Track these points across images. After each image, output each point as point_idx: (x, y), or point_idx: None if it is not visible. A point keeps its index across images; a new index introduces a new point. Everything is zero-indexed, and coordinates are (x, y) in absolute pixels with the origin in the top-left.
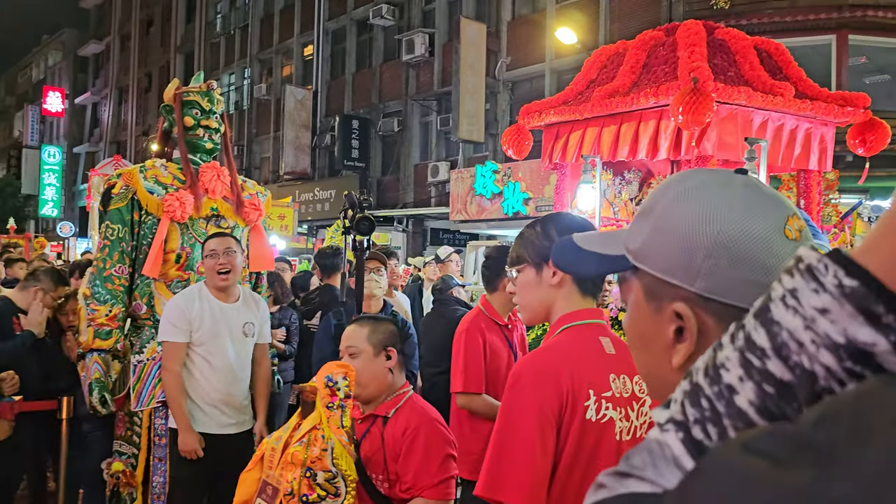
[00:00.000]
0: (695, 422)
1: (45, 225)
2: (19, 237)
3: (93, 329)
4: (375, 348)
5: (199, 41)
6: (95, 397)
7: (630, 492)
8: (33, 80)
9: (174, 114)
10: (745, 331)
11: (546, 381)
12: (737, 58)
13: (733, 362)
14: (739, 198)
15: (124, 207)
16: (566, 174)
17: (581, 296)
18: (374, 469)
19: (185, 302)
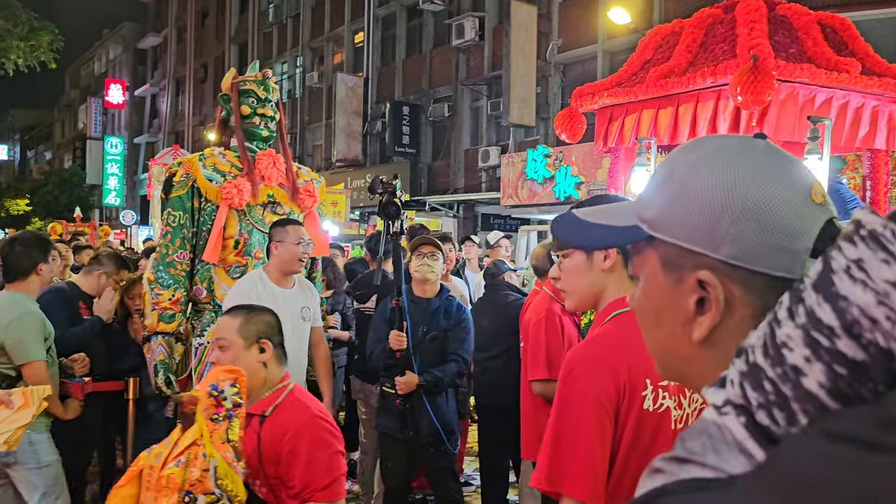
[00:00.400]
0: (759, 406)
1: (109, 213)
2: (85, 225)
3: (157, 313)
4: (247, 340)
5: (252, 31)
6: (161, 378)
7: (692, 477)
8: (95, 73)
9: (231, 103)
10: (807, 306)
11: (602, 371)
12: (799, 34)
13: (797, 341)
14: (764, 162)
15: (185, 195)
16: (620, 157)
17: (631, 280)
18: (249, 474)
19: (247, 289)
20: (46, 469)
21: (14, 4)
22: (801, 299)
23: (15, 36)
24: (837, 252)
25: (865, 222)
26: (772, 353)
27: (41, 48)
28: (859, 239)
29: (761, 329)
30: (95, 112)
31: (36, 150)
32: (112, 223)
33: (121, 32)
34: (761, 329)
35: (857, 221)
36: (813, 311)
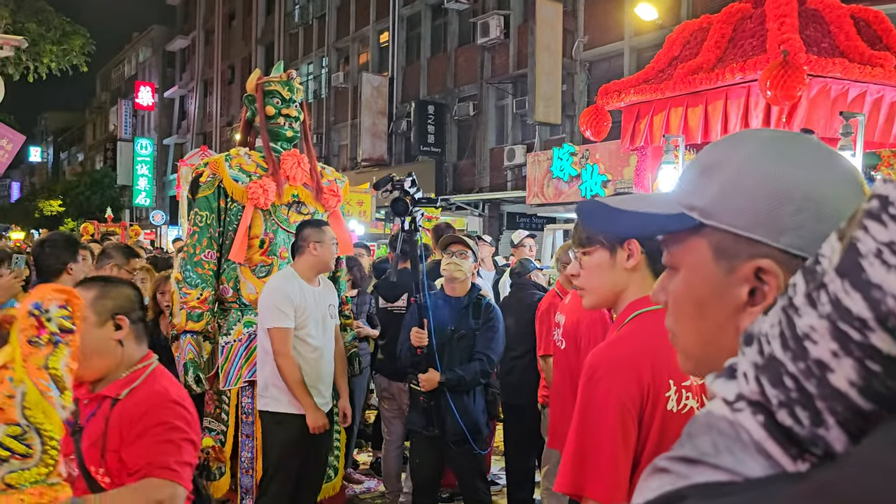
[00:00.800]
0: (780, 405)
1: (139, 214)
2: (116, 226)
3: (185, 311)
4: (100, 316)
5: (278, 32)
6: (191, 376)
7: (706, 481)
8: (125, 75)
9: (256, 104)
10: (831, 293)
11: (625, 373)
12: (831, 28)
13: (822, 333)
14: (818, 154)
15: (211, 195)
16: (647, 155)
17: (653, 280)
18: (91, 460)
19: (289, 287)
20: None
21: (47, 10)
22: (823, 285)
23: (48, 40)
24: (864, 233)
25: (894, 198)
26: (792, 345)
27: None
28: (889, 218)
29: (774, 315)
30: (126, 114)
31: (68, 151)
32: (142, 223)
33: (150, 35)
34: (774, 315)
35: (882, 198)
36: (840, 299)
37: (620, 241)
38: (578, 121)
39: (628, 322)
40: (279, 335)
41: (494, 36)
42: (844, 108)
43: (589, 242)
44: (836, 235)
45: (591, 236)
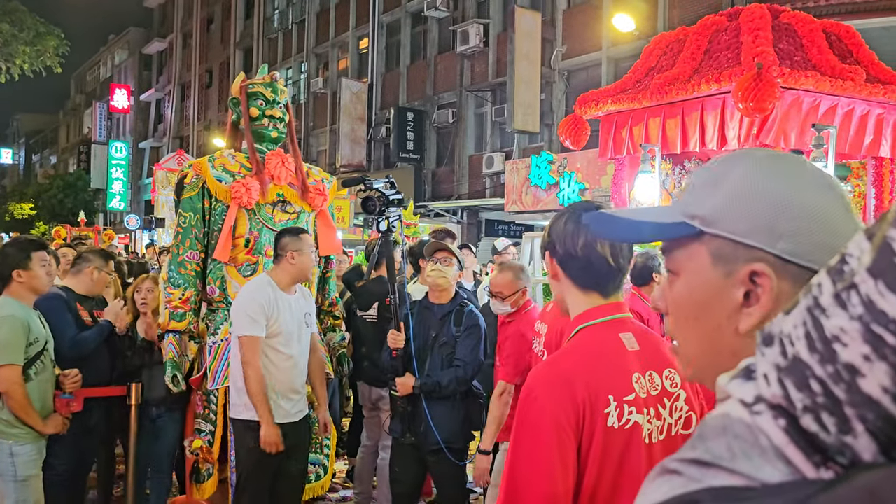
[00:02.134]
0: (805, 409)
1: (113, 218)
2: (89, 230)
3: (169, 311)
4: None
5: (257, 37)
6: (168, 375)
7: (720, 486)
8: (101, 78)
9: (240, 106)
10: (863, 294)
11: (559, 392)
12: (804, 42)
13: (853, 336)
14: (811, 171)
15: (195, 196)
16: (624, 164)
17: (583, 294)
18: None
19: (261, 294)
20: (23, 483)
21: (20, 10)
22: (853, 285)
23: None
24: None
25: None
26: (820, 347)
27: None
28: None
29: (798, 316)
30: (100, 117)
31: (41, 154)
32: (116, 227)
33: (126, 38)
34: (798, 316)
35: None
36: (874, 301)
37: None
38: (557, 129)
39: (571, 338)
40: (248, 343)
41: (474, 44)
42: (816, 121)
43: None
44: (863, 235)
45: (545, 245)
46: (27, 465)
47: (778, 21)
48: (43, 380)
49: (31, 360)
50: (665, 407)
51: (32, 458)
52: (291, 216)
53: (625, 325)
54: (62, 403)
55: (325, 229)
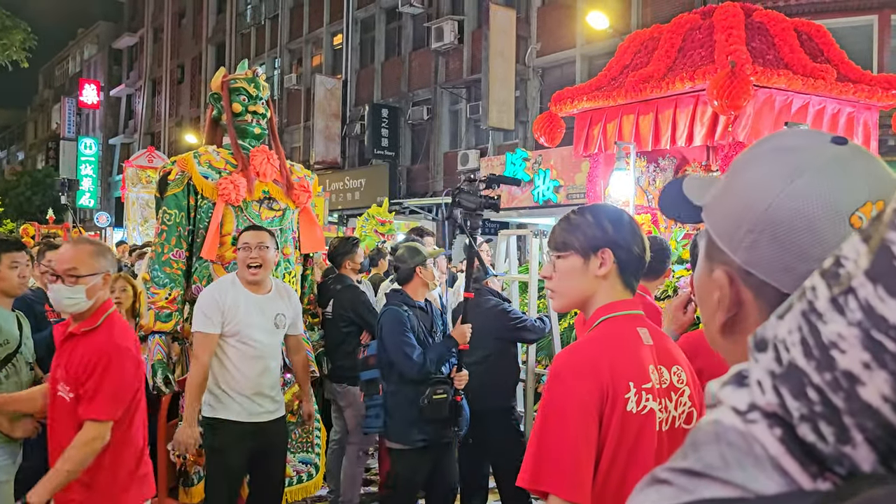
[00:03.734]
0: (802, 418)
1: (83, 215)
2: (58, 227)
3: (154, 312)
4: None
5: (230, 32)
6: (159, 377)
7: (712, 497)
8: (70, 73)
9: (222, 101)
10: (861, 299)
11: (586, 375)
12: (776, 40)
13: (852, 342)
14: (810, 171)
15: (180, 193)
16: (599, 162)
17: (623, 287)
18: None
19: (219, 293)
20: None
21: None
22: (851, 289)
23: None
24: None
25: None
26: (817, 354)
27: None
28: None
29: (793, 320)
30: (69, 112)
31: (7, 150)
32: (86, 225)
33: (96, 32)
34: (793, 320)
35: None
36: (873, 306)
37: (595, 250)
38: (532, 126)
39: (594, 327)
40: (198, 339)
41: (448, 41)
42: (789, 119)
43: (564, 247)
44: (858, 237)
45: (566, 241)
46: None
47: (751, 19)
48: (15, 383)
49: (1, 364)
50: (671, 400)
51: (4, 464)
52: (277, 213)
53: (642, 321)
54: None
55: (309, 226)
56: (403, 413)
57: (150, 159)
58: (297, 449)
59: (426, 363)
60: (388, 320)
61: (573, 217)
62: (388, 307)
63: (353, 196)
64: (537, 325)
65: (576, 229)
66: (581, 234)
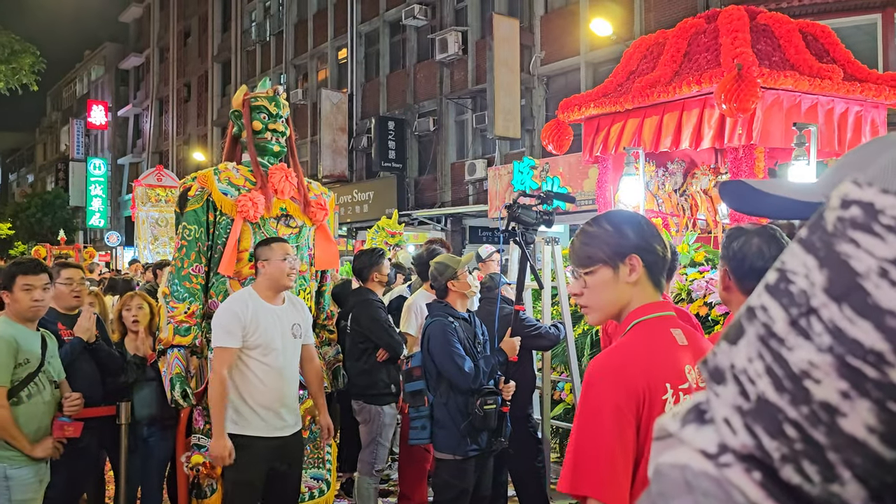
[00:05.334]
0: (783, 459)
1: (94, 235)
2: (69, 248)
3: (173, 326)
4: None
5: (235, 50)
6: (177, 391)
7: None
8: (77, 94)
9: (243, 119)
10: (827, 321)
11: (620, 380)
12: (781, 42)
13: (826, 371)
14: None
15: (200, 209)
16: (608, 167)
17: (653, 289)
18: None
19: (239, 306)
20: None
21: None
22: (813, 310)
23: None
24: (854, 248)
25: (883, 206)
26: (788, 385)
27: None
28: (885, 230)
29: (750, 347)
30: (78, 133)
31: (18, 173)
32: (97, 245)
33: (102, 53)
34: (750, 347)
35: (866, 205)
36: (843, 329)
37: (622, 258)
38: (538, 134)
39: (627, 332)
40: (220, 354)
41: (453, 52)
42: (798, 120)
43: (590, 261)
44: (800, 247)
45: (591, 255)
46: (24, 489)
47: (755, 22)
48: (37, 402)
49: (23, 383)
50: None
51: (29, 482)
52: (294, 230)
53: (674, 322)
54: (57, 426)
55: (324, 243)
56: (453, 423)
57: (158, 178)
58: (309, 465)
59: (479, 375)
60: (436, 332)
61: (591, 229)
62: (434, 319)
63: (362, 209)
64: (552, 332)
65: (598, 241)
66: (605, 245)
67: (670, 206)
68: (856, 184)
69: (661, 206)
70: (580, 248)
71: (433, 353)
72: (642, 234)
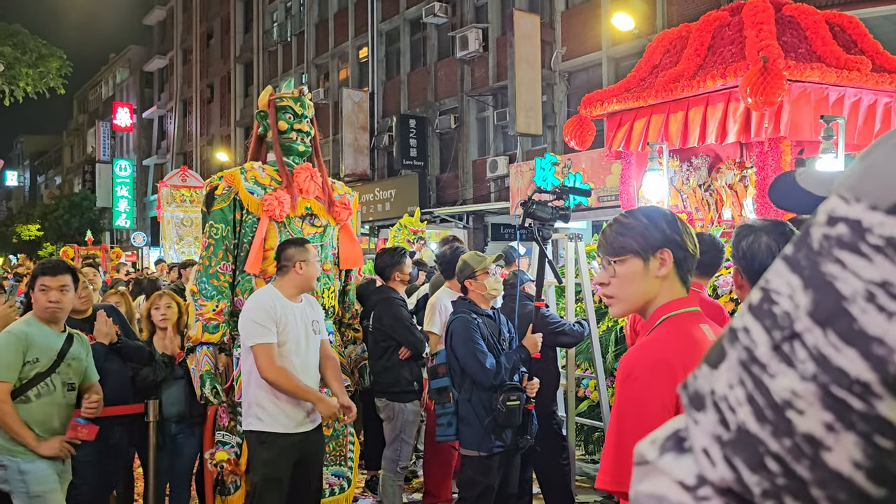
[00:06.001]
0: (764, 495)
1: (120, 236)
2: (96, 248)
3: (201, 323)
4: None
5: (257, 50)
6: (208, 388)
7: None
8: (103, 97)
9: (269, 119)
10: (811, 347)
11: (661, 372)
12: (807, 34)
13: (809, 401)
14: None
15: (227, 207)
16: (631, 163)
17: (681, 286)
18: None
19: (269, 304)
20: (37, 499)
21: (22, 32)
22: (796, 335)
23: (24, 63)
24: (840, 269)
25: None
26: (770, 416)
27: (50, 74)
28: (873, 251)
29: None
30: (104, 135)
31: (46, 175)
32: (123, 245)
33: (127, 56)
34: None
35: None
36: (827, 357)
37: (654, 250)
38: (559, 131)
39: (658, 326)
40: (263, 351)
41: (473, 49)
42: (825, 112)
43: (622, 251)
44: (785, 265)
45: (623, 245)
46: (40, 482)
47: (781, 14)
48: (47, 403)
49: (31, 382)
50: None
51: (45, 474)
52: (318, 230)
53: (701, 318)
54: (71, 426)
55: (348, 243)
56: (478, 420)
57: (183, 178)
58: (331, 462)
59: (501, 371)
60: (459, 328)
61: (625, 220)
62: (457, 315)
63: (384, 207)
64: (576, 329)
65: (632, 231)
66: (639, 236)
67: (695, 201)
68: (843, 199)
69: (685, 201)
70: (613, 237)
71: (456, 350)
72: (675, 229)
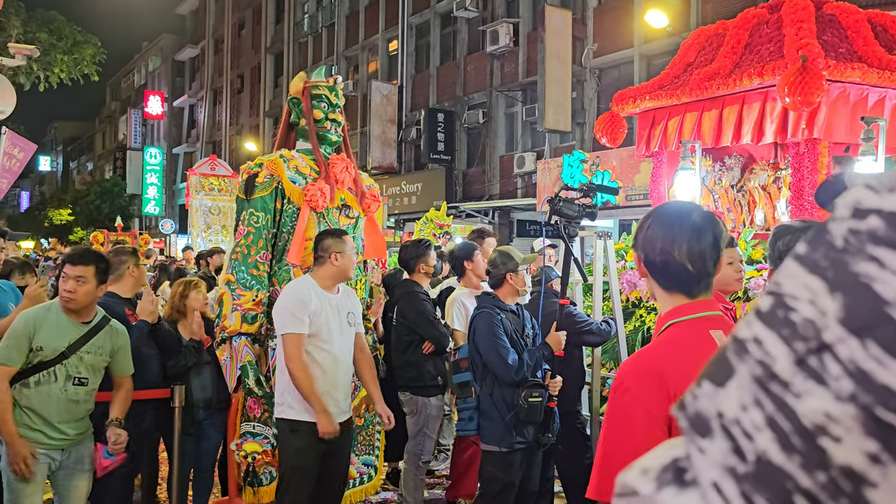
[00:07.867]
0: None
1: (149, 223)
2: (126, 234)
3: (239, 314)
4: None
5: (287, 41)
6: (251, 379)
7: None
8: (135, 85)
9: (302, 106)
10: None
11: (650, 383)
12: (848, 33)
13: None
14: None
15: (268, 196)
16: (663, 161)
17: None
18: None
19: (304, 294)
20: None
21: (58, 19)
22: (826, 346)
23: (59, 49)
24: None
25: None
26: (798, 443)
27: (84, 61)
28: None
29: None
30: (135, 123)
31: (78, 160)
32: (152, 232)
33: (160, 45)
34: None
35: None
36: (867, 372)
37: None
38: (588, 128)
39: (661, 332)
40: (291, 340)
41: (504, 44)
42: (865, 114)
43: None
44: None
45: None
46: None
47: (821, 12)
48: (44, 392)
49: (34, 369)
50: None
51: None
52: (351, 221)
53: (715, 323)
54: (100, 464)
55: (373, 234)
56: (499, 415)
57: (212, 167)
58: (361, 451)
59: (523, 367)
60: (482, 324)
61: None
62: (480, 310)
63: (410, 200)
64: (602, 328)
65: (640, 229)
66: (638, 233)
67: (727, 201)
68: (871, 189)
69: (717, 201)
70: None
71: (478, 345)
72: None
